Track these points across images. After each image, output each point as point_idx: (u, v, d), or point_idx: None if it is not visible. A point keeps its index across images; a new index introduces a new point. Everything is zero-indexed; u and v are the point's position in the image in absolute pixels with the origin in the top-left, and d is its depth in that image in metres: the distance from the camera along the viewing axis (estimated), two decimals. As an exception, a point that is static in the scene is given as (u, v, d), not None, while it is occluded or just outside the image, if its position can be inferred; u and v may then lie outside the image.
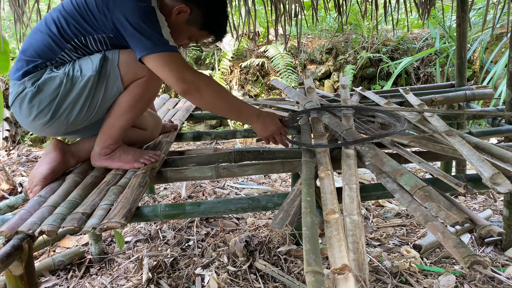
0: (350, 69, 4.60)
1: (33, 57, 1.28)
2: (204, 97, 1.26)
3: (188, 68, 1.24)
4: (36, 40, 1.29)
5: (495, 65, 3.56)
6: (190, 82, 1.22)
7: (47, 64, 1.29)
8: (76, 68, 1.27)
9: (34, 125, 1.32)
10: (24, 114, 1.30)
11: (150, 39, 1.19)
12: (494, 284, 1.47)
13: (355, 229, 0.84)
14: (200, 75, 1.25)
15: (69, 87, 1.26)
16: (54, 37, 1.26)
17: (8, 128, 4.54)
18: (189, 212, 1.13)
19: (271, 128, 1.38)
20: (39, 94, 1.26)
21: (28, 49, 1.29)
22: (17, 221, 1.02)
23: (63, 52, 1.28)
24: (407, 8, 2.94)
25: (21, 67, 1.29)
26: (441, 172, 1.03)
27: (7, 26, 5.55)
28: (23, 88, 1.27)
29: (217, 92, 1.28)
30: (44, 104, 1.27)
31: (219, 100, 1.30)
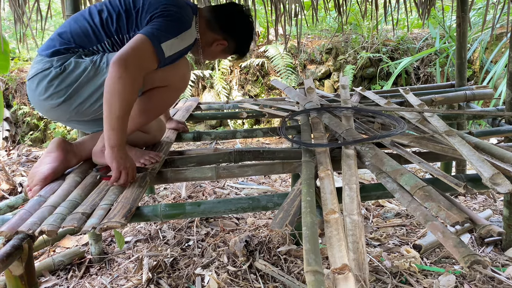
0: (350, 69, 4.60)
1: (68, 39, 1.30)
2: (113, 86, 1.13)
3: (141, 67, 1.18)
4: (75, 26, 1.31)
5: (495, 65, 3.56)
6: (124, 65, 1.13)
7: (79, 50, 1.31)
8: (104, 60, 1.28)
9: (44, 104, 1.31)
10: (39, 91, 1.29)
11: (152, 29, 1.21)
12: (494, 284, 1.47)
13: (355, 229, 0.85)
14: (136, 76, 1.16)
15: (91, 75, 1.27)
16: (95, 27, 1.29)
17: (8, 128, 4.54)
18: (189, 212, 1.13)
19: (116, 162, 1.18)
20: (61, 75, 1.26)
21: (65, 32, 1.31)
22: (17, 221, 1.02)
23: (100, 45, 1.31)
24: (407, 8, 2.94)
25: (53, 46, 1.30)
26: (441, 172, 1.03)
27: (7, 26, 5.54)
28: (49, 66, 1.27)
29: (122, 98, 1.14)
30: (62, 86, 1.27)
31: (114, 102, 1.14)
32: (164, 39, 1.21)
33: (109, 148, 1.17)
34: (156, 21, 1.24)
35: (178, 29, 1.25)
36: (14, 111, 4.73)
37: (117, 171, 1.18)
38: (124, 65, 1.13)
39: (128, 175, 1.20)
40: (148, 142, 1.60)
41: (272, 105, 2.26)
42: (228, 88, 4.96)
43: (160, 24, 1.23)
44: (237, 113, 2.19)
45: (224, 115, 2.35)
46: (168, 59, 1.25)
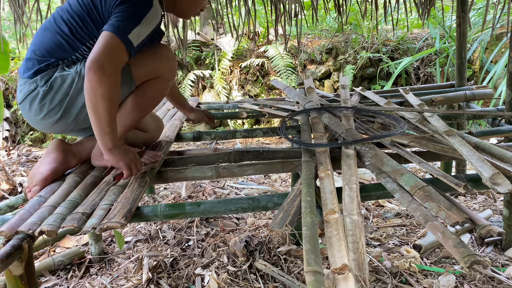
0: (350, 69, 4.60)
1: (44, 56, 1.28)
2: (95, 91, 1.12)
3: (116, 65, 1.16)
4: (47, 39, 1.28)
5: (495, 65, 3.56)
6: (100, 68, 1.11)
7: (59, 62, 1.29)
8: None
9: (43, 123, 1.32)
10: (34, 113, 1.30)
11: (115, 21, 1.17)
12: (494, 284, 1.47)
13: (355, 229, 0.85)
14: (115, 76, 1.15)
15: (80, 86, 1.26)
16: (67, 37, 1.26)
17: (8, 128, 4.54)
18: (189, 212, 1.13)
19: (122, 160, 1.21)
20: (50, 92, 1.26)
21: (39, 48, 1.29)
22: (17, 221, 1.02)
23: (77, 53, 1.29)
24: (407, 8, 2.94)
25: (33, 66, 1.28)
26: (441, 172, 1.03)
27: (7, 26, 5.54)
28: (35, 87, 1.27)
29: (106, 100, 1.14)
30: (56, 102, 1.27)
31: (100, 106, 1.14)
32: (129, 30, 1.17)
33: (107, 152, 1.19)
34: (116, 13, 1.20)
35: (139, 15, 1.21)
36: (14, 111, 4.73)
37: (126, 168, 1.21)
38: (101, 68, 1.11)
39: (136, 166, 1.23)
40: (148, 141, 1.60)
41: (272, 105, 2.26)
42: (228, 88, 4.96)
43: (122, 14, 1.19)
44: (237, 113, 2.19)
45: (224, 115, 2.35)
46: (138, 47, 1.22)
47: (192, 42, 5.08)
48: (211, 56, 5.01)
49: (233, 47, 4.91)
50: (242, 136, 1.91)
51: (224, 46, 4.94)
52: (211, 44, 5.10)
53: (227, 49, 4.92)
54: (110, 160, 1.21)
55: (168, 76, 1.42)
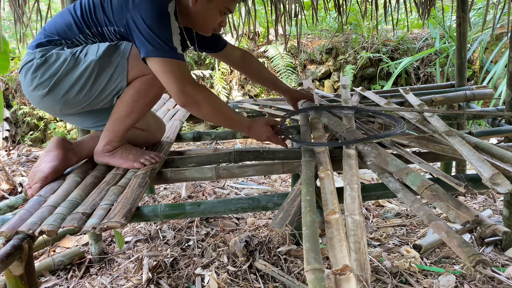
0: (350, 69, 4.60)
1: (51, 32, 1.34)
2: (202, 111, 1.30)
3: (190, 80, 1.26)
4: (60, 20, 1.35)
5: (495, 65, 3.56)
6: (190, 96, 1.25)
7: (62, 42, 1.33)
8: (84, 51, 1.30)
9: (33, 95, 1.34)
10: (27, 83, 1.33)
11: (153, 44, 1.20)
12: (494, 284, 1.47)
13: (357, 229, 0.84)
14: (200, 89, 1.28)
15: (71, 66, 1.28)
16: (77, 19, 1.31)
17: (8, 128, 4.54)
18: (189, 212, 1.13)
19: (263, 135, 1.44)
20: (43, 66, 1.29)
21: (50, 25, 1.36)
22: (17, 221, 1.02)
23: (81, 35, 1.33)
24: (407, 8, 2.94)
25: (39, 39, 1.34)
26: (441, 172, 1.03)
27: (7, 26, 5.55)
28: (32, 58, 1.30)
29: (214, 107, 1.32)
30: (45, 77, 1.29)
31: (216, 114, 1.35)
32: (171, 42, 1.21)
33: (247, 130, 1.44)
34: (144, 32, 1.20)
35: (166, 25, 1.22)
36: (14, 111, 4.73)
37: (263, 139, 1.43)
38: (189, 96, 1.25)
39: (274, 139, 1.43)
40: (149, 141, 1.60)
41: (272, 105, 2.26)
42: (228, 88, 4.96)
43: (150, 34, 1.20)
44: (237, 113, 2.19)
45: (224, 115, 2.35)
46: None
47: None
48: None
49: (233, 47, 4.90)
50: (242, 136, 1.91)
51: (224, 46, 4.93)
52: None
53: (227, 49, 4.91)
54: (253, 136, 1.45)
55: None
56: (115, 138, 1.35)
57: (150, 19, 1.20)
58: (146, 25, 1.20)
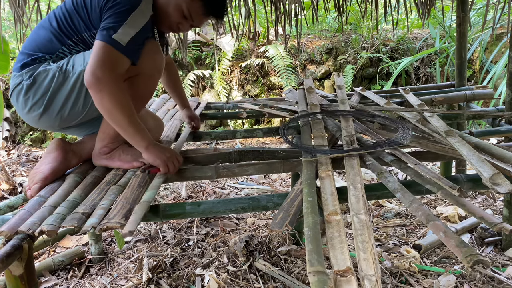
0: (350, 69, 4.60)
1: (33, 50, 1.31)
2: (102, 103, 1.17)
3: (108, 67, 1.15)
4: (39, 36, 1.32)
5: (495, 65, 3.56)
6: (96, 80, 1.13)
7: (46, 57, 1.31)
8: (70, 63, 1.29)
9: (29, 117, 1.34)
10: (21, 106, 1.32)
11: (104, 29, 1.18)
12: (494, 284, 1.47)
13: (364, 229, 0.84)
14: (112, 81, 1.15)
15: (61, 81, 1.27)
16: (55, 32, 1.29)
17: (8, 128, 4.54)
18: (189, 212, 1.13)
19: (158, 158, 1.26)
20: (33, 86, 1.28)
21: (31, 43, 1.33)
22: (17, 221, 1.02)
23: (64, 47, 1.31)
24: (407, 8, 2.94)
25: (22, 60, 1.32)
26: (435, 174, 1.03)
27: (7, 26, 5.55)
28: (21, 80, 1.29)
29: (116, 107, 1.17)
30: (38, 96, 1.29)
31: (114, 115, 1.18)
32: (112, 31, 1.17)
33: (144, 151, 1.26)
34: (104, 19, 1.21)
35: (123, 15, 1.20)
36: (14, 111, 4.73)
37: (163, 164, 1.25)
38: (94, 78, 1.13)
39: (174, 164, 1.27)
40: None
41: (272, 105, 2.25)
42: (228, 88, 4.96)
43: (107, 18, 1.20)
44: (237, 113, 2.19)
45: (224, 115, 2.35)
46: (131, 46, 1.21)
47: (192, 42, 5.08)
48: (211, 56, 5.01)
49: (233, 47, 4.91)
50: (242, 136, 1.91)
51: (224, 46, 4.94)
52: (211, 44, 5.10)
53: (227, 49, 4.92)
54: (148, 159, 1.26)
55: (150, 71, 1.37)
56: (110, 139, 1.35)
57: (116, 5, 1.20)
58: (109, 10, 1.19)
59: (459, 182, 1.13)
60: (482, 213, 0.87)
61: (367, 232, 0.83)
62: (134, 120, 1.21)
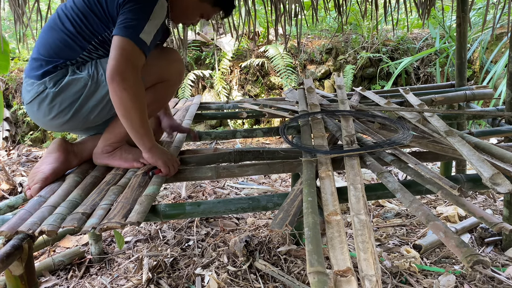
0: (350, 69, 4.60)
1: (51, 57, 1.28)
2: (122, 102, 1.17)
3: (135, 69, 1.17)
4: (53, 39, 1.28)
5: (495, 65, 3.56)
6: (122, 79, 1.14)
7: (67, 63, 1.29)
8: (100, 71, 1.28)
9: (52, 123, 1.34)
10: (42, 113, 1.31)
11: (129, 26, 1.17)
12: (494, 284, 1.47)
13: (364, 229, 0.84)
14: (137, 83, 1.17)
15: (93, 89, 1.28)
16: (73, 36, 1.26)
17: (8, 128, 4.54)
18: (189, 212, 1.13)
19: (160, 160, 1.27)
20: (61, 95, 1.27)
21: (45, 48, 1.29)
22: (17, 221, 1.02)
23: (85, 52, 1.29)
24: (407, 8, 2.94)
25: (40, 67, 1.28)
26: (436, 174, 1.03)
27: (7, 26, 5.55)
28: (44, 88, 1.27)
29: (136, 108, 1.18)
30: (66, 104, 1.29)
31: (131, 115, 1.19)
32: (140, 29, 1.17)
33: (147, 152, 1.27)
34: (124, 11, 1.19)
35: (147, 10, 1.19)
36: (14, 111, 4.72)
37: (164, 166, 1.26)
38: (120, 77, 1.14)
39: (174, 166, 1.29)
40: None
41: (272, 105, 2.25)
42: (228, 88, 4.96)
43: (130, 13, 1.18)
44: (237, 113, 2.19)
45: (224, 115, 2.35)
46: (151, 45, 1.22)
47: (192, 42, 5.08)
48: (211, 56, 5.01)
49: (233, 47, 4.91)
50: (242, 136, 1.91)
51: (224, 46, 4.94)
52: (211, 44, 5.10)
53: (227, 49, 4.92)
54: (149, 160, 1.28)
55: (175, 79, 1.43)
56: (115, 139, 1.35)
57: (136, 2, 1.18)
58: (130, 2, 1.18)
59: (459, 182, 1.13)
60: (482, 213, 0.87)
61: (367, 232, 0.83)
62: (146, 122, 1.23)
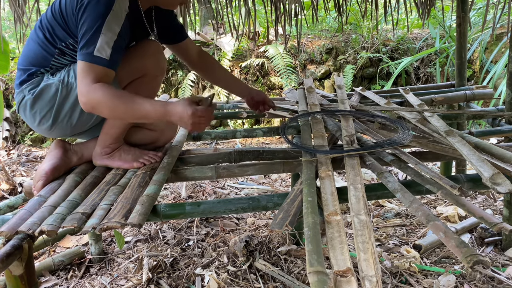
0: (350, 69, 4.60)
1: (27, 65, 1.31)
2: (104, 115, 1.18)
3: (95, 86, 1.12)
4: (29, 49, 1.32)
5: (495, 65, 3.56)
6: (85, 99, 1.13)
7: (42, 71, 1.31)
8: (71, 74, 1.28)
9: (41, 129, 1.36)
10: (30, 120, 1.35)
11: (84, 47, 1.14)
12: (494, 284, 1.47)
13: (364, 229, 0.84)
14: (93, 92, 1.12)
15: (65, 94, 1.28)
16: (42, 43, 1.28)
17: (8, 128, 4.54)
18: (189, 212, 1.13)
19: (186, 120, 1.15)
20: (38, 102, 1.29)
21: (23, 59, 1.33)
22: (17, 221, 1.02)
23: (53, 58, 1.30)
24: (407, 8, 2.94)
25: (19, 76, 1.33)
26: (436, 174, 1.03)
27: (7, 26, 5.55)
28: (23, 97, 1.31)
29: (115, 111, 1.15)
30: (45, 110, 1.30)
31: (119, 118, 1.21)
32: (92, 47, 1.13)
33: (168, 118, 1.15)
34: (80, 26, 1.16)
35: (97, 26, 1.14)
36: (14, 111, 4.72)
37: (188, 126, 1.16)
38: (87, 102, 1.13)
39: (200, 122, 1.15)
40: (158, 141, 1.54)
41: (272, 105, 2.25)
42: (228, 88, 4.95)
43: (82, 32, 1.15)
44: (237, 113, 2.19)
45: (224, 115, 2.35)
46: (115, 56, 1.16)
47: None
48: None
49: (233, 47, 4.91)
50: (242, 136, 1.91)
51: (224, 46, 4.94)
52: (211, 44, 5.10)
53: (227, 49, 4.92)
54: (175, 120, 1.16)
55: (155, 72, 1.38)
56: (112, 140, 1.36)
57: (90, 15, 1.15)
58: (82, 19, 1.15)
59: (459, 182, 1.13)
60: (482, 213, 0.87)
61: (367, 232, 0.83)
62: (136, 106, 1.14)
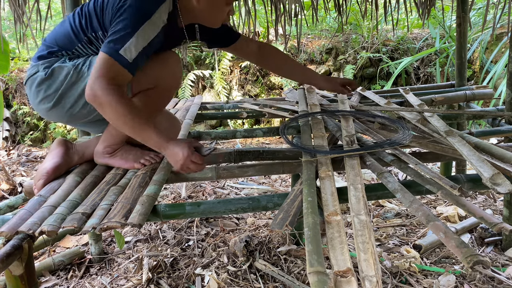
0: (350, 69, 4.60)
1: (51, 43, 1.32)
2: (105, 115, 1.17)
3: (108, 82, 1.13)
4: (60, 28, 1.33)
5: (495, 65, 3.56)
6: (94, 95, 1.13)
7: (63, 53, 1.31)
8: (86, 63, 1.28)
9: (39, 107, 1.34)
10: (33, 95, 1.33)
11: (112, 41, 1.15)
12: (494, 284, 1.47)
13: (364, 229, 0.84)
14: (111, 95, 1.12)
15: (74, 79, 1.27)
16: (75, 28, 1.29)
17: (8, 128, 4.54)
18: (189, 212, 1.13)
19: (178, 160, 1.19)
20: (47, 80, 1.28)
21: (51, 35, 1.34)
22: (17, 221, 1.02)
23: (80, 44, 1.30)
24: (407, 8, 2.94)
25: (41, 51, 1.33)
26: (436, 174, 1.03)
27: (7, 26, 5.55)
28: (36, 71, 1.30)
29: (119, 119, 1.15)
30: (50, 91, 1.29)
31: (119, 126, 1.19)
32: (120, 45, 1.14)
33: (163, 151, 1.19)
34: (113, 26, 1.18)
35: (133, 27, 1.16)
36: (14, 111, 4.72)
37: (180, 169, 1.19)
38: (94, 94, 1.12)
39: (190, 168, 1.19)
40: None
41: (272, 105, 2.25)
42: (228, 88, 4.96)
43: (115, 28, 1.16)
44: (237, 113, 2.19)
45: (224, 115, 2.35)
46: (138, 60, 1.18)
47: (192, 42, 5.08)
48: (211, 56, 5.01)
49: (233, 47, 4.90)
50: (242, 136, 1.91)
51: (224, 46, 4.93)
52: None
53: (227, 49, 4.91)
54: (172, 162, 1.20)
55: (169, 84, 1.38)
56: (115, 140, 1.35)
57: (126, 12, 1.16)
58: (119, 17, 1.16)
59: (459, 182, 1.13)
60: (482, 213, 0.87)
61: (367, 232, 0.83)
62: (141, 127, 1.17)
